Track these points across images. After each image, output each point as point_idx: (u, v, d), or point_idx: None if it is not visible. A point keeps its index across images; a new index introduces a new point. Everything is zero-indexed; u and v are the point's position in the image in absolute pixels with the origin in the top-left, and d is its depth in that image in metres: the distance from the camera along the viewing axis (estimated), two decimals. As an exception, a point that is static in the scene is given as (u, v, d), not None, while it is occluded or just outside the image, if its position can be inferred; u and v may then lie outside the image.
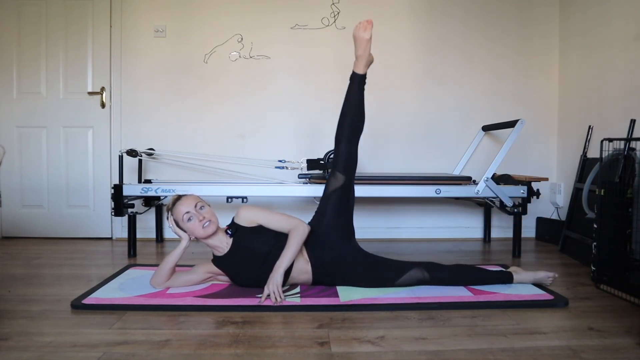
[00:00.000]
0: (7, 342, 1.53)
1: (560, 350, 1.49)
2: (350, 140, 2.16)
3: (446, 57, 3.48)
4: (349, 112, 2.17)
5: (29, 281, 2.27)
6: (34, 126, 3.42)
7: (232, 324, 1.70)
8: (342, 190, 2.17)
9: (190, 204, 2.02)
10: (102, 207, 3.44)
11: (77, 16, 3.39)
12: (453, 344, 1.53)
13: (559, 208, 3.44)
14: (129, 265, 2.57)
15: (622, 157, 2.24)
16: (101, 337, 1.58)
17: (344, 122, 2.17)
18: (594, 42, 3.09)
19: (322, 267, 2.08)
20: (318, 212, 2.22)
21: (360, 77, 2.19)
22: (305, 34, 3.43)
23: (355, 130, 2.18)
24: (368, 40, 2.14)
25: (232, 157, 3.33)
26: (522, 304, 1.91)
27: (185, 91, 3.42)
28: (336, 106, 3.44)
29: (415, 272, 2.07)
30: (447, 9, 3.47)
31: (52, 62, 3.40)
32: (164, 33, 3.40)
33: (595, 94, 3.07)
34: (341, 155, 2.16)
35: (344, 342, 1.54)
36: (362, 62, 2.18)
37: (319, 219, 2.18)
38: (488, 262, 2.73)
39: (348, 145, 2.16)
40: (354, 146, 2.18)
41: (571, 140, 3.36)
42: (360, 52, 2.17)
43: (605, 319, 1.77)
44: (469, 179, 2.95)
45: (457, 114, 3.49)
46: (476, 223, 3.52)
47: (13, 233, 3.45)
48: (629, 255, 2.06)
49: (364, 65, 2.18)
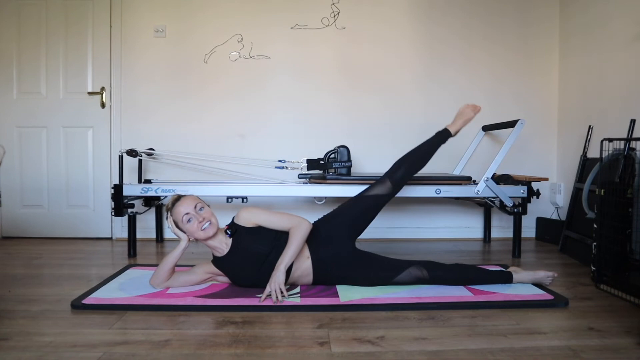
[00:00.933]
0: (7, 342, 1.53)
1: (560, 350, 1.49)
2: (410, 168, 2.39)
3: (446, 57, 3.48)
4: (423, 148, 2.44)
5: (29, 281, 2.27)
6: (34, 126, 3.42)
7: (232, 324, 1.70)
8: (380, 199, 2.29)
9: (189, 205, 2.02)
10: (102, 207, 3.44)
11: (77, 16, 3.38)
12: (453, 344, 1.53)
13: (559, 208, 3.44)
14: (129, 265, 2.57)
15: (622, 157, 2.24)
16: (101, 337, 1.58)
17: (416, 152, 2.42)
18: (594, 42, 3.09)
19: (323, 264, 2.08)
20: (338, 210, 2.26)
21: (447, 135, 2.50)
22: (305, 34, 3.43)
23: (418, 165, 2.42)
24: (471, 119, 2.59)
25: (232, 157, 3.33)
26: (522, 304, 1.91)
27: (185, 91, 3.42)
28: (336, 106, 3.47)
29: (414, 269, 2.08)
30: (447, 9, 3.47)
31: (52, 62, 3.40)
32: (164, 33, 3.40)
33: (595, 94, 3.07)
34: (399, 172, 2.34)
35: (344, 342, 1.54)
36: (456, 127, 2.54)
37: (334, 216, 2.22)
38: (488, 262, 2.73)
39: (407, 171, 2.37)
40: (409, 176, 2.40)
41: (571, 140, 3.36)
42: (459, 122, 2.56)
43: (605, 319, 1.77)
44: (469, 179, 2.95)
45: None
46: (476, 223, 3.52)
47: (13, 233, 3.45)
48: (629, 255, 2.06)
49: (455, 131, 2.54)
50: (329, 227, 2.17)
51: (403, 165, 2.36)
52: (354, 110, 3.45)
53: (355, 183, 2.82)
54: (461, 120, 2.55)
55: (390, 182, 2.30)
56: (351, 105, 3.45)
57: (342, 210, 2.25)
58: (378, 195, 2.28)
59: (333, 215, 2.24)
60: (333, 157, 2.89)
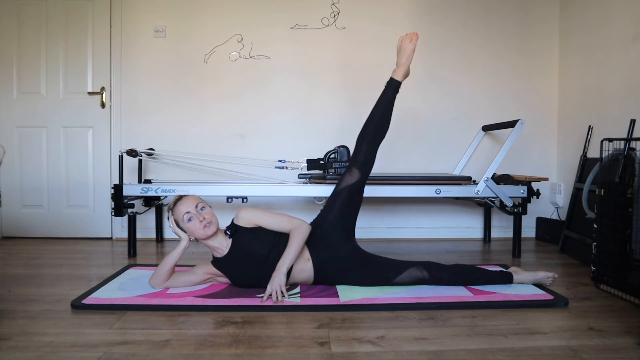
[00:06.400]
0: (7, 342, 1.53)
1: (560, 350, 1.49)
2: (372, 141, 2.24)
3: (446, 57, 3.48)
4: (376, 114, 2.24)
5: (29, 281, 2.27)
6: (34, 126, 3.42)
7: (232, 324, 1.70)
8: (354, 187, 2.21)
9: (190, 205, 2.02)
10: (102, 207, 3.44)
11: (77, 16, 3.39)
12: (453, 344, 1.53)
13: (559, 208, 3.44)
14: (129, 265, 2.57)
15: (622, 157, 2.24)
16: (101, 337, 1.58)
17: (370, 122, 2.24)
18: (594, 42, 3.09)
19: (323, 265, 2.08)
20: (324, 209, 2.24)
21: (397, 84, 2.28)
22: (305, 34, 3.43)
23: (379, 132, 2.25)
24: (412, 50, 2.26)
25: (232, 157, 3.33)
26: (522, 304, 1.91)
27: (185, 91, 3.42)
28: (336, 106, 3.47)
29: (414, 270, 2.08)
30: (447, 9, 3.47)
31: (52, 62, 3.40)
32: (164, 33, 3.40)
33: (595, 94, 3.07)
34: (362, 153, 2.22)
35: (344, 342, 1.54)
36: (402, 70, 2.28)
37: (324, 216, 2.21)
38: (488, 262, 2.73)
39: (369, 145, 2.23)
40: (375, 147, 2.25)
41: (571, 140, 3.36)
42: (402, 61, 2.27)
43: (605, 319, 1.77)
44: (469, 179, 2.95)
45: (457, 114, 3.49)
46: (476, 223, 3.52)
47: (13, 233, 3.45)
48: (629, 255, 2.05)
49: (403, 75, 2.29)
50: (325, 227, 2.17)
51: (364, 141, 2.22)
52: (354, 110, 3.44)
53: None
54: (403, 58, 2.25)
55: (356, 168, 2.20)
56: (351, 105, 3.45)
57: (327, 208, 2.22)
58: (350, 184, 2.20)
59: (323, 216, 2.22)
60: (333, 157, 2.89)
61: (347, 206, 2.21)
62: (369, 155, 2.24)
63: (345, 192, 2.21)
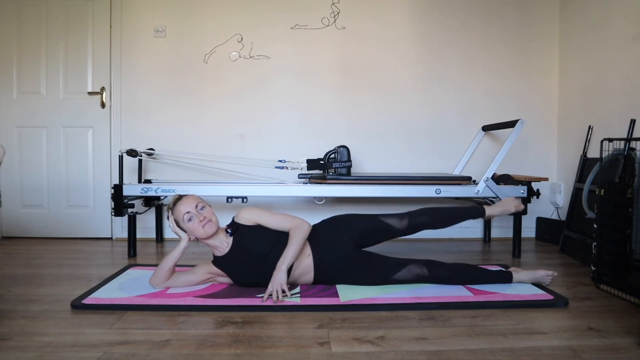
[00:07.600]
0: (7, 342, 1.53)
1: (560, 350, 1.49)
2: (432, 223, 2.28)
3: (446, 57, 3.48)
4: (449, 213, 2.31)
5: (29, 281, 2.27)
6: (34, 126, 3.42)
7: (232, 324, 1.70)
8: (391, 230, 2.22)
9: (190, 204, 2.02)
10: (102, 207, 3.44)
11: (77, 16, 3.39)
12: (453, 344, 1.53)
13: (559, 208, 3.44)
14: (129, 265, 2.57)
15: (622, 157, 2.24)
16: (101, 337, 1.58)
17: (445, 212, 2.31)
18: (594, 42, 3.09)
19: (324, 263, 2.08)
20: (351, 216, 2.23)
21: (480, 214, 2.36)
22: (305, 34, 3.43)
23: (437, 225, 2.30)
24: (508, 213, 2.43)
25: (232, 157, 3.33)
26: (522, 303, 1.91)
27: (185, 91, 3.42)
28: (336, 106, 3.46)
29: (414, 267, 2.08)
30: (447, 9, 3.47)
31: (52, 62, 3.40)
32: (164, 33, 3.40)
33: (595, 94, 3.07)
34: (422, 220, 2.26)
35: (344, 342, 1.54)
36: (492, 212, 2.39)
37: (344, 219, 2.20)
38: (488, 262, 2.73)
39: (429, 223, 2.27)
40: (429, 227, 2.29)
41: (571, 140, 3.36)
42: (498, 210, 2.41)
43: (605, 319, 1.77)
44: (469, 179, 2.95)
45: (457, 114, 3.49)
46: (476, 223, 3.52)
47: (13, 233, 3.45)
48: (629, 255, 2.05)
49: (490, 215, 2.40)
50: (333, 228, 2.16)
51: (427, 215, 2.28)
52: (354, 110, 3.45)
53: (355, 183, 2.82)
54: (501, 208, 2.41)
55: (408, 221, 2.23)
56: (351, 105, 3.45)
57: (350, 217, 2.23)
58: (391, 225, 2.22)
59: (340, 220, 2.22)
60: (333, 157, 2.89)
61: (372, 233, 2.20)
62: (421, 227, 2.27)
63: (382, 225, 2.21)
